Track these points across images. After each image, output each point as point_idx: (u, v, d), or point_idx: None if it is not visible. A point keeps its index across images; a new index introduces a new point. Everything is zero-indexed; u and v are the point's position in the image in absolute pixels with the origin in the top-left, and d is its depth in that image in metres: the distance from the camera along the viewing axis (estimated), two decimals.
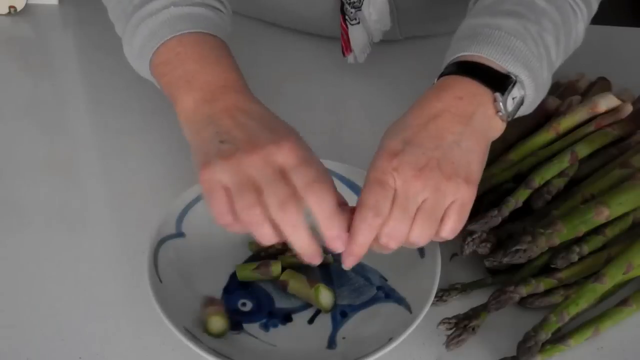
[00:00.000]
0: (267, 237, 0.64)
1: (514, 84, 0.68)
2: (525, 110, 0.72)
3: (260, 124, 0.66)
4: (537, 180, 0.76)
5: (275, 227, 0.63)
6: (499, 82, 0.68)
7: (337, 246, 0.64)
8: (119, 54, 1.05)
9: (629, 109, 0.83)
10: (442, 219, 0.65)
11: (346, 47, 0.95)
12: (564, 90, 0.90)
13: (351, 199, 0.77)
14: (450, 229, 0.66)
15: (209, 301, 0.72)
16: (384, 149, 0.66)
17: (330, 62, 1.00)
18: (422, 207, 0.64)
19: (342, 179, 0.78)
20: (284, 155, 0.64)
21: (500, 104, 0.68)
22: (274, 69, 1.00)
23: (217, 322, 0.69)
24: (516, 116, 0.71)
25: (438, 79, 0.70)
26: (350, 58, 0.96)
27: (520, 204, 0.74)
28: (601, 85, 0.90)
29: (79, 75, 1.03)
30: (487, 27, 0.71)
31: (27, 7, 1.11)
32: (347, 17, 0.93)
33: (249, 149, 0.64)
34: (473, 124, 0.67)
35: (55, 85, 1.02)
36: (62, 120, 0.96)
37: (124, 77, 1.01)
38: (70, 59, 1.06)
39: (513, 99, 0.69)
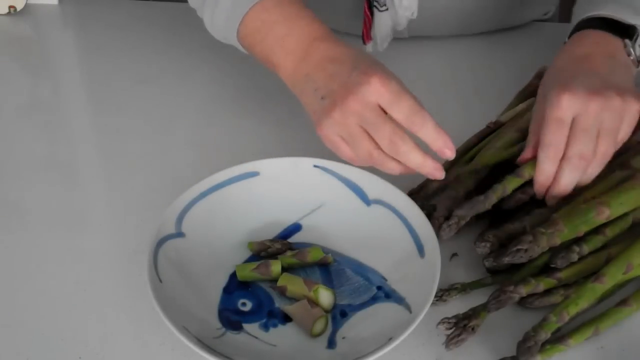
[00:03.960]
0: (396, 170, 0.73)
1: (638, 34, 0.78)
2: None
3: (349, 67, 0.73)
4: (527, 171, 0.75)
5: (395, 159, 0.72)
6: (625, 31, 0.78)
7: (448, 155, 0.72)
8: (118, 53, 1.05)
9: None
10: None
11: (367, 36, 0.96)
12: None
13: (352, 198, 0.78)
14: (626, 135, 0.74)
15: None
16: (555, 87, 0.72)
17: None
18: (604, 127, 0.72)
19: (344, 180, 0.78)
20: (377, 92, 0.70)
21: (630, 48, 0.77)
22: None
23: None
24: None
25: (569, 38, 0.80)
26: (369, 47, 0.96)
27: (507, 191, 0.75)
28: None
29: (79, 75, 1.03)
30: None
31: (27, 7, 1.11)
32: (376, 3, 0.93)
33: (346, 97, 0.71)
34: (618, 59, 0.76)
35: (55, 85, 1.02)
36: (62, 120, 0.96)
37: (123, 77, 1.01)
38: (70, 59, 1.06)
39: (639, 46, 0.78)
